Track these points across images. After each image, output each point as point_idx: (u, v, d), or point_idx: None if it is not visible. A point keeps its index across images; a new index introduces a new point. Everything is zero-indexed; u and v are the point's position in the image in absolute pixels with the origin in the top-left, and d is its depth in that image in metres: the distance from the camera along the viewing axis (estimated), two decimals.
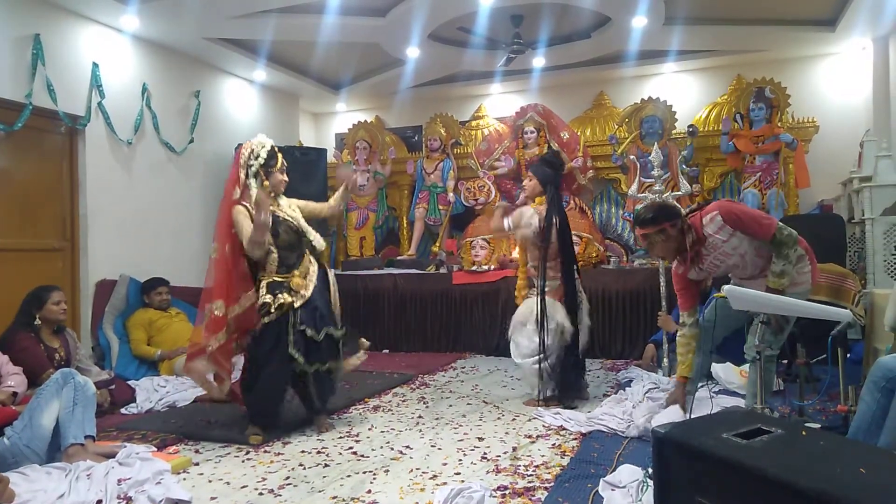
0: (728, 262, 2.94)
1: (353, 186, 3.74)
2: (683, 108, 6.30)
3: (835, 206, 5.64)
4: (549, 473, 2.63)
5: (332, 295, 3.38)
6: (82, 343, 4.35)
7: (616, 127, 6.34)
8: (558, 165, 4.11)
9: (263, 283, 3.17)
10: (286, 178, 3.36)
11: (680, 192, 4.66)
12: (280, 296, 3.12)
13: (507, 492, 2.43)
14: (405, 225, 7.02)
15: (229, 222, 3.17)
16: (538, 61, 6.28)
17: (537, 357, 3.69)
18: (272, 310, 3.09)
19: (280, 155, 3.37)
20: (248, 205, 3.18)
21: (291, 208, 3.39)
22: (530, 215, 3.79)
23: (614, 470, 2.52)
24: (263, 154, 3.28)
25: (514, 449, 2.97)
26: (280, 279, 3.21)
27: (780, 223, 2.83)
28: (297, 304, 3.15)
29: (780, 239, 2.78)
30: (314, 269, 3.35)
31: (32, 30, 4.35)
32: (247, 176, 3.26)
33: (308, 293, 3.22)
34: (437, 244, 6.71)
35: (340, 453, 2.99)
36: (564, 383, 3.74)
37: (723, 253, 2.90)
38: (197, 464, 2.89)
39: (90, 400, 2.88)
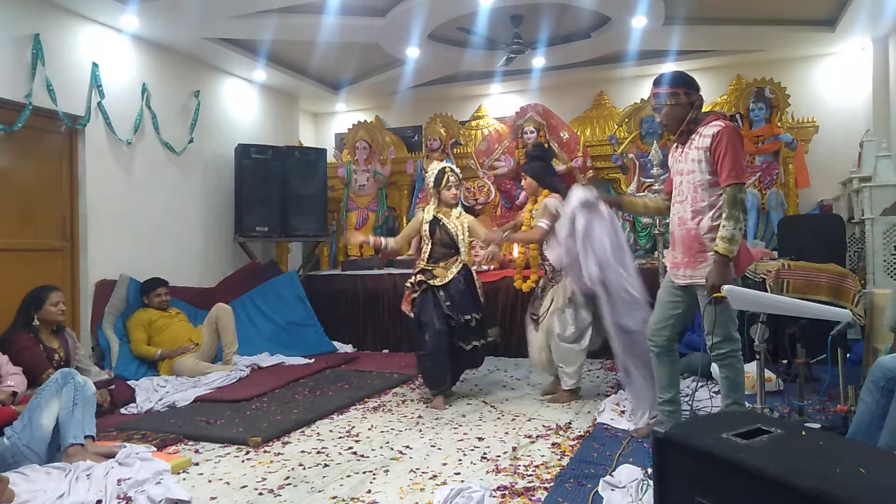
0: (685, 169, 2.79)
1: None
2: None
3: (834, 206, 5.64)
4: (549, 473, 2.63)
5: (477, 289, 4.11)
6: (82, 343, 4.35)
7: (616, 127, 6.34)
8: (545, 155, 4.43)
9: (418, 268, 4.10)
10: (455, 192, 4.11)
11: None
12: (419, 276, 4.01)
13: (507, 492, 2.43)
14: (405, 225, 7.00)
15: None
16: (538, 61, 6.28)
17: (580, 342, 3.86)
18: (416, 288, 4.00)
19: (448, 174, 4.09)
20: (422, 214, 4.18)
21: (459, 219, 4.10)
22: (555, 204, 3.81)
23: (614, 470, 2.52)
24: (432, 178, 4.11)
25: (514, 449, 2.97)
26: (428, 267, 4.03)
27: (743, 185, 2.65)
28: (435, 283, 3.95)
29: (735, 194, 2.59)
30: (457, 267, 4.04)
31: (32, 30, 4.35)
32: (430, 194, 4.19)
33: (446, 280, 3.96)
34: None
35: (340, 453, 3.00)
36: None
37: (690, 158, 2.75)
38: (197, 464, 2.89)
39: (90, 400, 2.88)
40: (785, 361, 4.26)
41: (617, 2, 5.02)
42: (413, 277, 4.07)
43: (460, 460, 2.84)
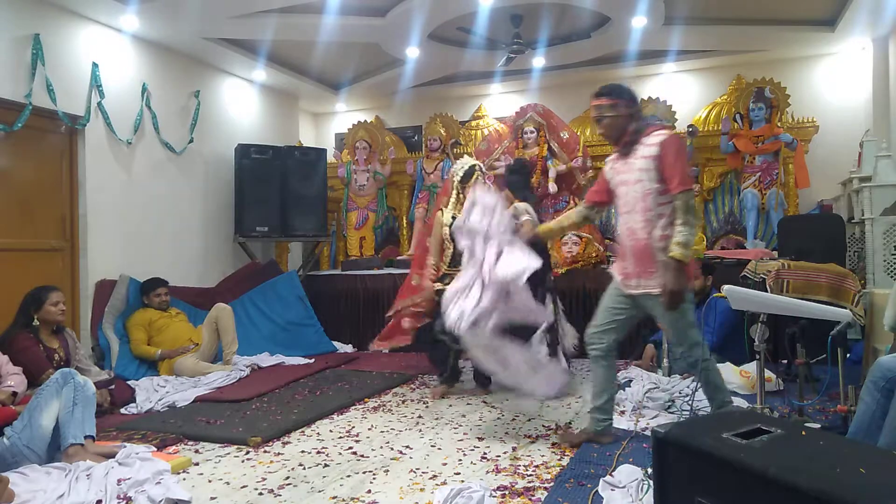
0: (630, 179, 2.81)
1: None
2: (683, 108, 6.31)
3: (834, 206, 5.64)
4: (549, 473, 2.63)
5: None
6: (82, 343, 4.35)
7: None
8: (524, 170, 4.60)
9: (432, 271, 4.13)
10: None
11: None
12: (442, 283, 3.97)
13: (507, 492, 2.43)
14: (405, 225, 7.02)
15: (431, 223, 4.24)
16: (538, 61, 6.28)
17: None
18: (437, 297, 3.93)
19: (478, 173, 4.10)
20: (446, 210, 4.18)
21: None
22: (525, 207, 4.07)
23: (614, 470, 2.52)
24: (460, 174, 4.11)
25: (514, 449, 2.97)
26: (448, 271, 4.06)
27: (692, 191, 2.68)
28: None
29: (687, 201, 2.62)
30: None
31: (32, 30, 4.35)
32: (453, 188, 4.18)
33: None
34: None
35: (340, 453, 2.99)
36: None
37: (636, 168, 2.77)
38: (197, 464, 2.89)
39: (90, 400, 2.88)
40: (785, 361, 4.26)
41: (617, 2, 5.02)
42: (428, 284, 4.07)
43: (460, 460, 2.84)
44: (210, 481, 2.68)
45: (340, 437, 3.25)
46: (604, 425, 2.98)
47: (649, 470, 2.10)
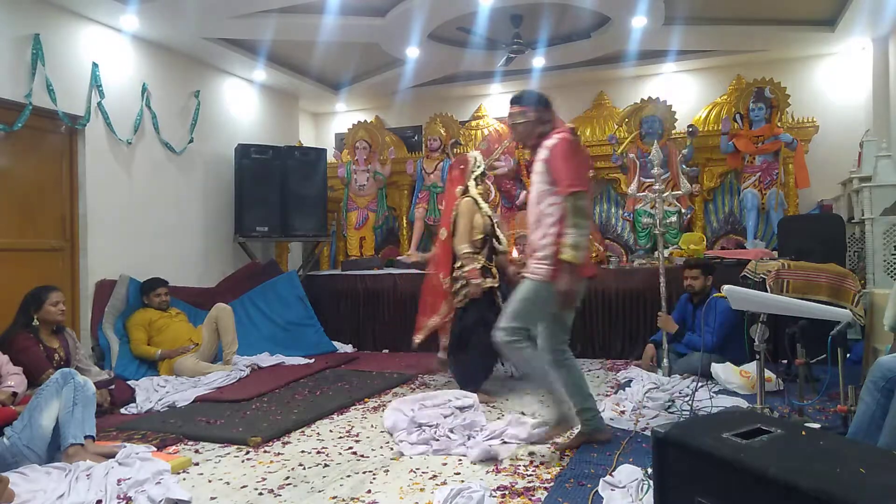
0: (533, 181, 2.90)
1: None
2: (683, 108, 6.31)
3: (834, 206, 5.64)
4: (549, 473, 2.63)
5: None
6: (82, 343, 4.35)
7: (616, 127, 6.34)
8: None
9: (477, 267, 3.93)
10: (488, 184, 4.28)
11: (680, 192, 4.67)
12: (487, 279, 3.96)
13: (507, 492, 2.43)
14: (405, 225, 7.02)
15: (450, 212, 4.11)
16: (538, 61, 6.28)
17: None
18: (483, 288, 3.91)
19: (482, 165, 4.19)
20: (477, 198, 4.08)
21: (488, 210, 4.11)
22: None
23: (614, 470, 2.52)
24: (480, 169, 4.15)
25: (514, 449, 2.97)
26: (486, 265, 4.01)
27: (585, 192, 2.69)
28: (495, 286, 4.02)
29: (574, 203, 2.66)
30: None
31: (32, 30, 4.35)
32: (472, 180, 4.14)
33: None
34: None
35: (340, 453, 2.99)
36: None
37: (536, 170, 2.87)
38: (197, 464, 2.89)
39: (90, 400, 2.88)
40: (785, 361, 4.26)
41: (617, 2, 5.02)
42: (478, 280, 3.89)
43: (460, 460, 2.84)
44: (210, 481, 2.68)
45: (340, 437, 3.25)
46: (593, 422, 2.97)
47: (649, 470, 2.10)
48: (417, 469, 2.74)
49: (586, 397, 2.97)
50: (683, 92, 6.58)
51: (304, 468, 2.80)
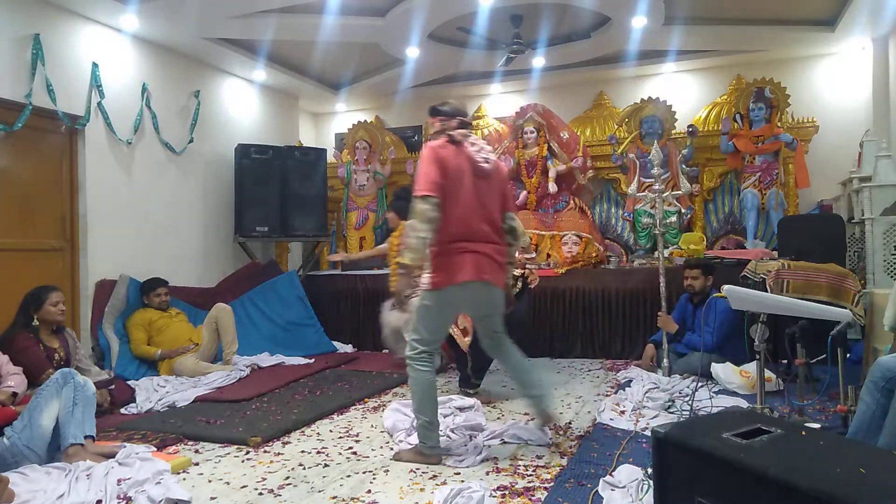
0: None
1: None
2: (683, 108, 6.31)
3: (834, 206, 5.64)
4: (548, 473, 2.63)
5: None
6: (82, 343, 4.35)
7: (616, 127, 6.34)
8: (409, 197, 4.74)
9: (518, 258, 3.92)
10: None
11: (680, 192, 4.67)
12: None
13: (507, 492, 2.43)
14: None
15: None
16: (538, 61, 6.28)
17: None
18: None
19: None
20: None
21: None
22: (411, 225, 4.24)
23: (614, 470, 2.52)
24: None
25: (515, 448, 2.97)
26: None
27: (431, 196, 2.66)
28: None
29: (415, 206, 2.67)
30: None
31: (32, 30, 4.35)
32: None
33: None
34: None
35: (340, 453, 3.00)
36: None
37: None
38: (197, 464, 2.89)
39: (90, 400, 2.88)
40: (785, 361, 4.26)
41: (617, 2, 5.02)
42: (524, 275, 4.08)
43: (460, 460, 2.83)
44: (210, 481, 2.68)
45: (340, 437, 3.25)
46: (540, 404, 2.99)
47: (649, 470, 2.10)
48: (417, 469, 2.74)
49: (526, 384, 3.02)
50: (683, 92, 6.59)
51: (304, 468, 2.80)
